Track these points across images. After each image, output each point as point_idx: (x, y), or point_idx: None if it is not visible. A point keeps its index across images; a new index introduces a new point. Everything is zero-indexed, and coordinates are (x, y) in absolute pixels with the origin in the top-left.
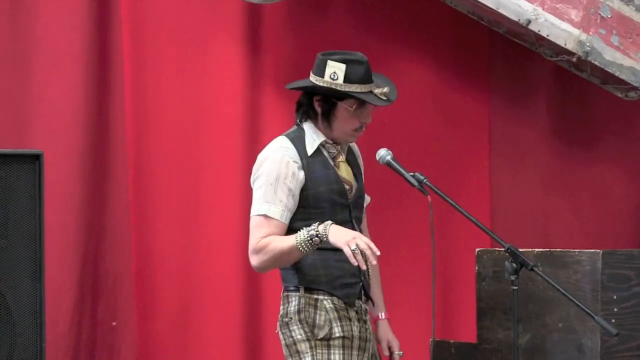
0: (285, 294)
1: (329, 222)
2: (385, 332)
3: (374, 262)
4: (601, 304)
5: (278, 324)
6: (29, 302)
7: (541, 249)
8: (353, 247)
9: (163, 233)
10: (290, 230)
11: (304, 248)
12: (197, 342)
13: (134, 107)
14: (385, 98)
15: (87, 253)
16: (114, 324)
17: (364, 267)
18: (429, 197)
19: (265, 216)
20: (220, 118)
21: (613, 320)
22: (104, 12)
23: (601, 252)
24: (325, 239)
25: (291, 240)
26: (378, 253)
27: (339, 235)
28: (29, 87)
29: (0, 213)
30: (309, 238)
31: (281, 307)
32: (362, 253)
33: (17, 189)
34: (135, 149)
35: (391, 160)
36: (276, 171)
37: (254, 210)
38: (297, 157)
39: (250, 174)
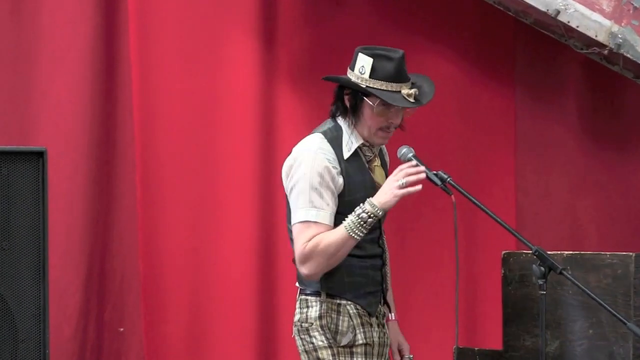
0: (304, 297)
1: (369, 199)
2: (396, 334)
3: (423, 176)
4: (634, 310)
5: (295, 329)
6: (32, 306)
7: (570, 252)
8: (402, 191)
9: (172, 234)
10: None
11: (357, 234)
12: (207, 350)
13: (141, 104)
14: (412, 100)
15: (93, 254)
16: (121, 329)
17: (419, 187)
18: (452, 196)
19: (311, 222)
20: (232, 114)
21: None
22: (111, 4)
23: (634, 254)
24: (380, 214)
25: (340, 232)
26: (422, 173)
27: (386, 200)
28: (32, 81)
29: (2, 212)
30: (361, 222)
31: (298, 312)
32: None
33: (20, 188)
34: (144, 146)
35: (413, 158)
36: (318, 175)
37: (299, 217)
38: (336, 162)
39: (265, 172)
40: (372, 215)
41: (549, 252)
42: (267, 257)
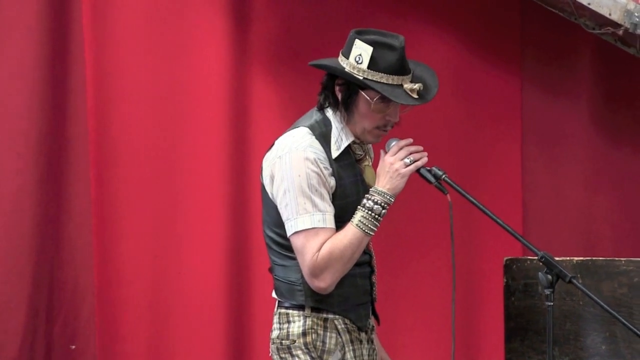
0: (283, 311)
1: (372, 189)
2: (379, 350)
3: (426, 159)
4: None
5: (274, 346)
6: None
7: (581, 258)
8: (409, 168)
9: (131, 239)
10: None
11: (372, 229)
12: None
13: (96, 91)
14: (416, 96)
15: (41, 263)
16: (73, 347)
17: (426, 157)
18: (448, 195)
19: (319, 228)
20: (199, 103)
21: None
22: None
23: None
24: (393, 201)
25: (352, 232)
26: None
27: (394, 183)
28: None
29: None
30: (374, 215)
31: (276, 327)
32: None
33: None
34: (98, 139)
35: None
36: (316, 175)
37: (302, 224)
38: (327, 163)
39: (236, 169)
40: (384, 204)
41: (557, 258)
42: (239, 266)
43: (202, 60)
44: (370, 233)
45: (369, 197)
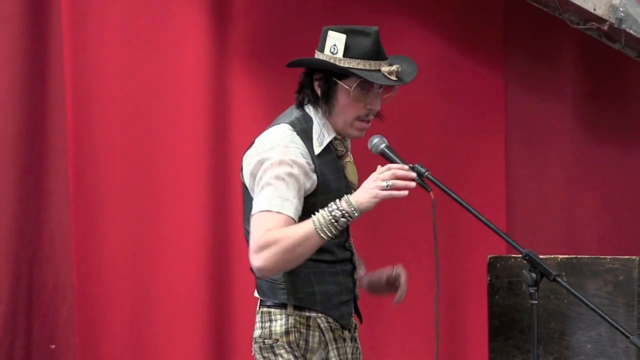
0: (266, 310)
1: (346, 196)
2: (379, 271)
3: (413, 185)
4: (637, 321)
5: (256, 346)
6: None
7: (566, 256)
8: (385, 193)
9: (111, 238)
10: None
11: (326, 233)
12: None
13: (75, 87)
14: (394, 78)
15: (20, 261)
16: (53, 346)
17: (406, 192)
18: (431, 193)
19: (274, 212)
20: (179, 101)
21: None
22: None
23: (637, 258)
24: (356, 215)
25: (307, 226)
26: (412, 182)
27: (364, 200)
28: None
29: None
30: (333, 221)
31: (258, 326)
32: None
33: None
34: (77, 135)
35: (386, 150)
36: (288, 166)
37: (261, 206)
38: (309, 158)
39: (216, 167)
40: (347, 214)
41: (541, 256)
42: (219, 263)
43: (182, 59)
44: (323, 236)
45: (338, 201)
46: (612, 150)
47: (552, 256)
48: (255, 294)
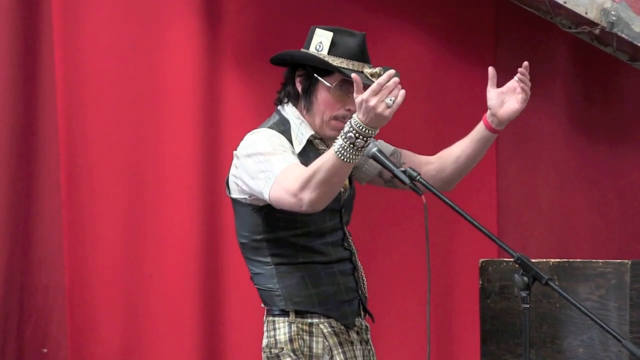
0: (270, 319)
1: (353, 117)
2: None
3: (404, 92)
4: (630, 325)
5: (264, 355)
6: None
7: (558, 260)
8: (391, 110)
9: (103, 241)
10: (274, 241)
11: (347, 157)
12: None
13: (66, 90)
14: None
15: (12, 265)
16: (45, 350)
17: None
18: (423, 196)
19: (289, 166)
20: (171, 104)
21: None
22: None
23: (630, 262)
24: (367, 132)
25: (329, 156)
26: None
27: (373, 123)
28: None
29: None
30: (349, 144)
31: (265, 335)
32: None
33: None
34: (69, 139)
35: (377, 153)
36: (279, 144)
37: (272, 175)
38: (294, 152)
39: (208, 170)
40: (360, 133)
41: (533, 260)
42: (212, 267)
43: (173, 60)
44: (346, 160)
45: (348, 127)
46: (604, 154)
47: (544, 260)
48: (262, 304)
